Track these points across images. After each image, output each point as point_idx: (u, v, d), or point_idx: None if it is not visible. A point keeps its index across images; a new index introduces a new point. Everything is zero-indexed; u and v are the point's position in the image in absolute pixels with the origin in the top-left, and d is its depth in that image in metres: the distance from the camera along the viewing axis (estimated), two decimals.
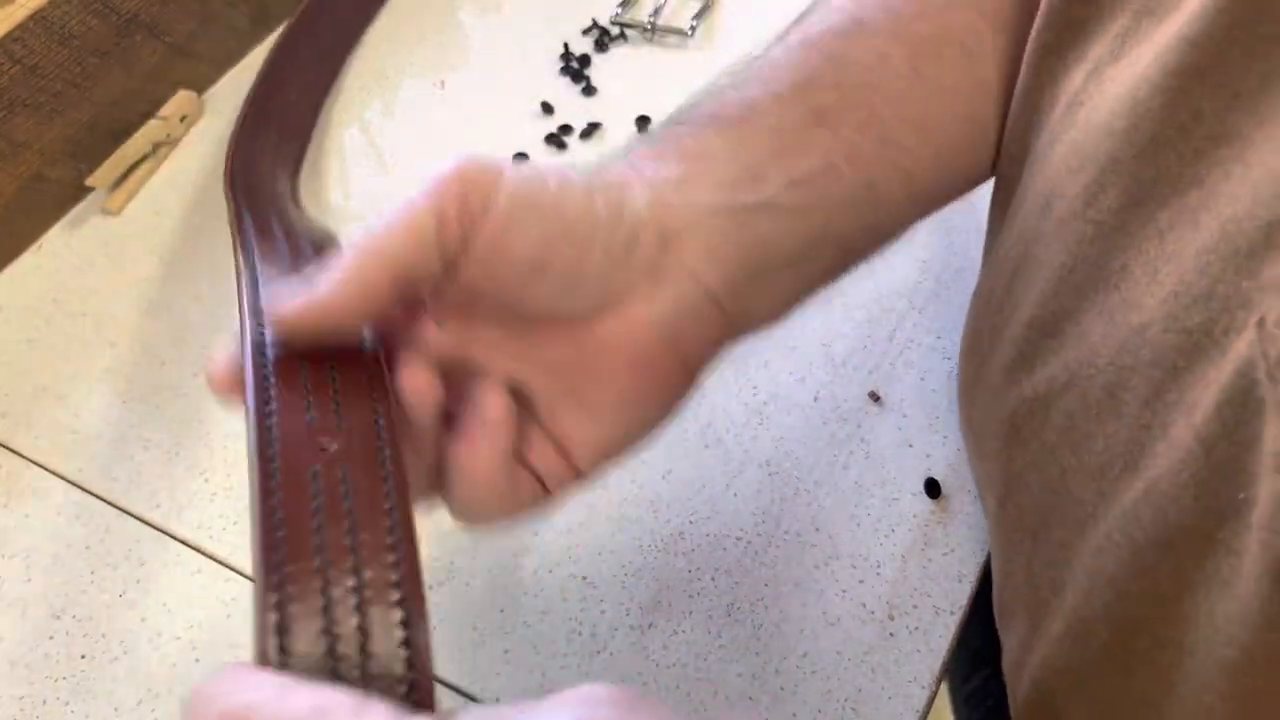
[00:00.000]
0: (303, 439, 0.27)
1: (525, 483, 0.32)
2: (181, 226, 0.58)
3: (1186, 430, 0.25)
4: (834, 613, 0.43)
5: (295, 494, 0.26)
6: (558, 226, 0.29)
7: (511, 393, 0.31)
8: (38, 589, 0.45)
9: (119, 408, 0.50)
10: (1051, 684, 0.35)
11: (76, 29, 0.56)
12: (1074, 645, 0.32)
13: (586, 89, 0.63)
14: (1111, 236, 0.29)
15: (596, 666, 0.42)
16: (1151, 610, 0.28)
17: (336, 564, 0.24)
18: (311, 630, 0.23)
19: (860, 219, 0.35)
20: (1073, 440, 0.31)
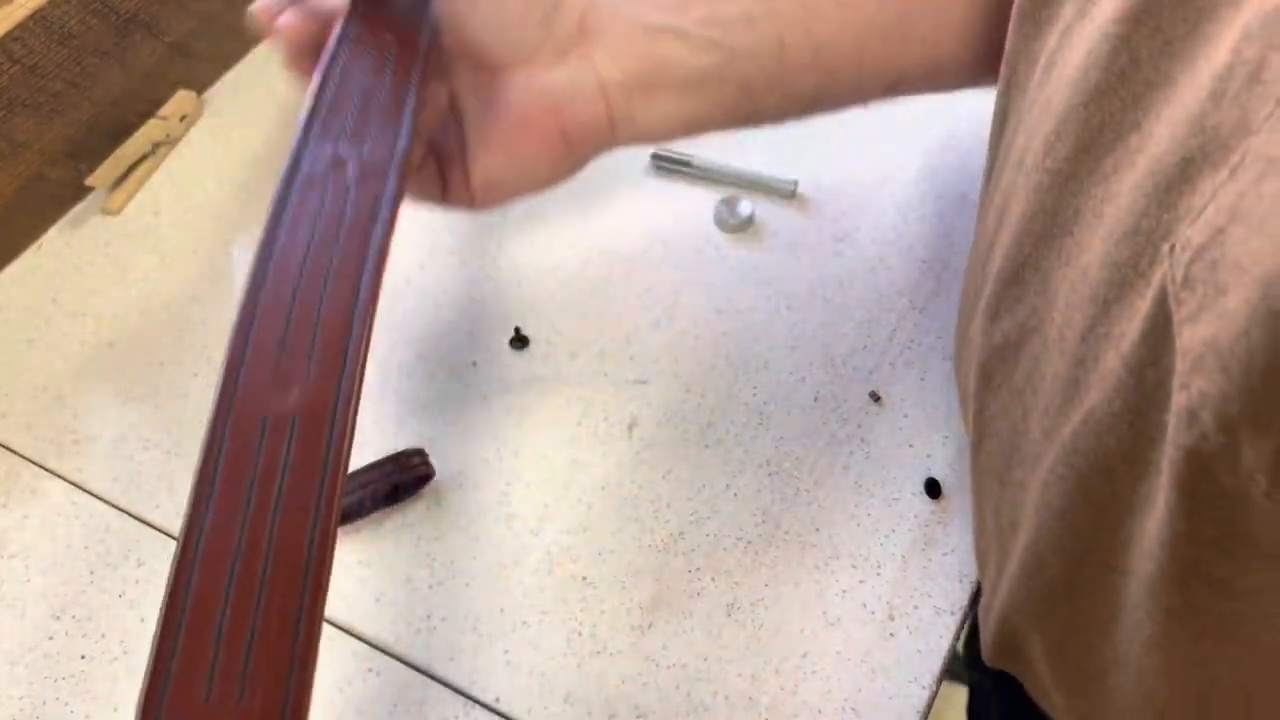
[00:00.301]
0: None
1: (429, 168, 0.39)
2: (181, 226, 0.58)
3: (1116, 360, 0.27)
4: (834, 613, 0.43)
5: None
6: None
7: (451, 110, 0.38)
8: (37, 589, 0.45)
9: (118, 408, 0.50)
10: (1014, 622, 0.36)
11: (76, 29, 0.56)
12: (1029, 580, 0.34)
13: None
14: (1065, 184, 0.30)
15: (596, 666, 0.42)
16: (1096, 537, 0.30)
17: None
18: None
19: (764, 71, 0.38)
20: (1033, 383, 0.32)
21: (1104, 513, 0.29)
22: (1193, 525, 0.25)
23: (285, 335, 0.32)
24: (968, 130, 0.59)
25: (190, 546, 0.27)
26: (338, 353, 0.31)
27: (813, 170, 0.58)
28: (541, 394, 0.50)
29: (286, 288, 0.33)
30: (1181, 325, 0.23)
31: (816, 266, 0.54)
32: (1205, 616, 0.27)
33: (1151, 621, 0.29)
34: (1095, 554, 0.30)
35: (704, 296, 0.53)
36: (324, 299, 0.32)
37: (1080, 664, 0.34)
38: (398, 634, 0.43)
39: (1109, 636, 0.31)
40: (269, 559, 0.28)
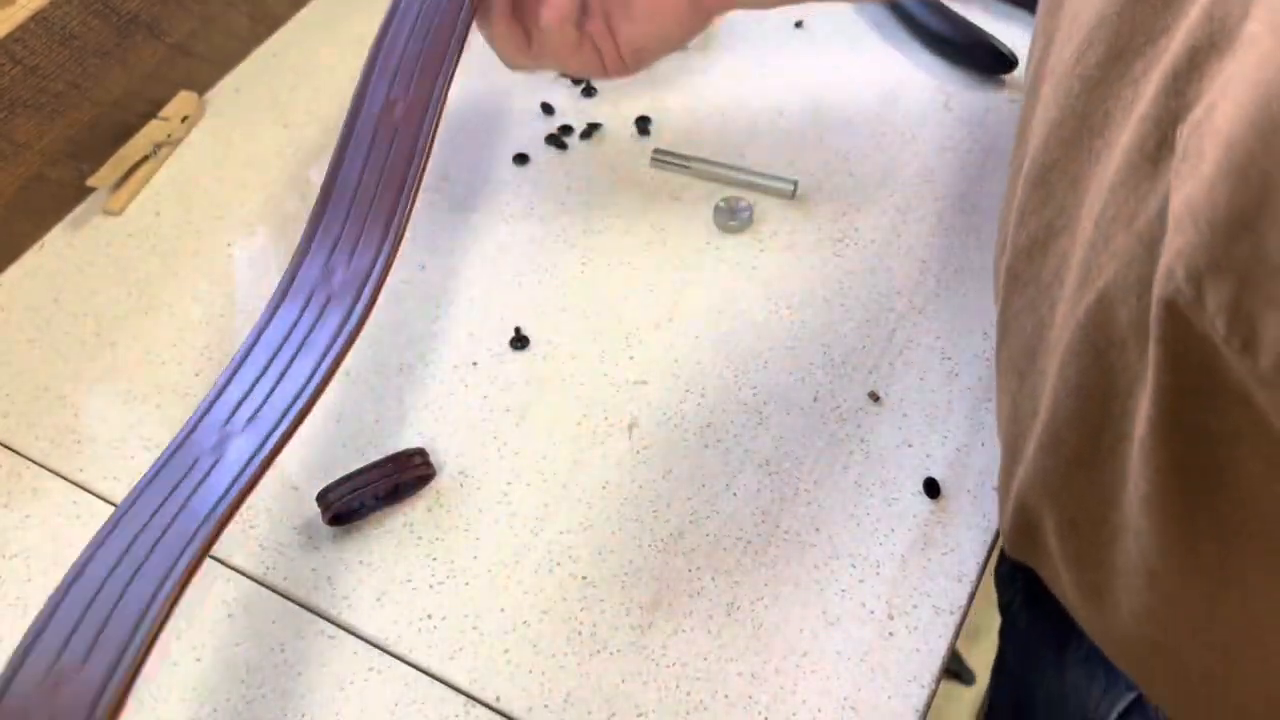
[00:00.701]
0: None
1: (588, 50, 0.47)
2: (182, 227, 0.58)
3: (1128, 238, 0.28)
4: (834, 612, 0.43)
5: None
6: None
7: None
8: (38, 589, 0.45)
9: (119, 408, 0.50)
10: (1031, 501, 0.38)
11: (77, 29, 0.56)
12: (1046, 459, 0.36)
13: (586, 90, 0.63)
14: (1095, 89, 0.31)
15: (596, 666, 0.42)
16: (1109, 408, 0.31)
17: None
18: None
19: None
20: (1061, 276, 0.34)
21: (1115, 383, 0.30)
22: (1174, 377, 0.27)
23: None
24: (967, 130, 0.60)
25: None
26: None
27: (813, 170, 0.58)
28: (541, 394, 0.50)
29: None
30: (1173, 195, 0.25)
31: (816, 266, 0.54)
32: (1192, 470, 0.29)
33: (1145, 480, 0.30)
34: (1108, 425, 0.32)
35: (704, 296, 0.53)
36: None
37: (1091, 536, 0.36)
38: (399, 633, 0.43)
39: (1118, 505, 0.33)
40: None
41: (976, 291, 0.53)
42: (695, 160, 0.58)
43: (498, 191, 0.58)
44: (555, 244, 0.56)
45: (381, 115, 0.47)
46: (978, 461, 0.47)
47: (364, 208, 0.46)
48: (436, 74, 0.47)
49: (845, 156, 0.59)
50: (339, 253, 0.45)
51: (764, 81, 0.63)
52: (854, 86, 0.62)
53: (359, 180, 0.46)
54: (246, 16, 0.66)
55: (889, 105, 0.61)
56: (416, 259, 0.55)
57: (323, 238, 0.45)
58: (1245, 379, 0.25)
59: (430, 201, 0.58)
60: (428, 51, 0.48)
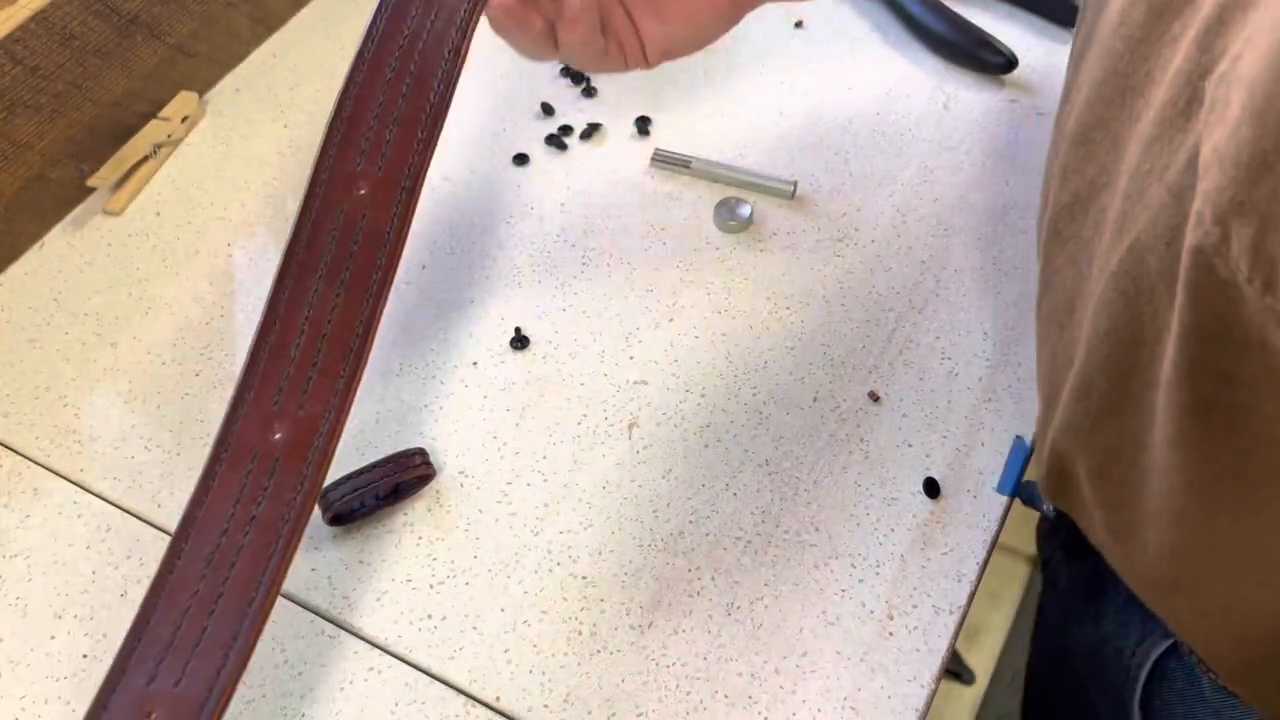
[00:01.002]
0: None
1: (614, 50, 0.45)
2: (183, 227, 0.58)
3: (1159, 190, 0.29)
4: (833, 612, 0.43)
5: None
6: None
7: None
8: (39, 589, 0.45)
9: (120, 408, 0.50)
10: (1064, 446, 0.39)
11: (78, 30, 0.56)
12: (1078, 404, 0.37)
13: (587, 90, 0.63)
14: (1137, 48, 0.32)
15: (596, 666, 0.42)
16: (1138, 354, 0.32)
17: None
18: None
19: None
20: (1100, 231, 0.35)
21: (1144, 330, 0.32)
22: (1197, 318, 0.28)
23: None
24: (967, 130, 0.60)
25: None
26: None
27: (813, 170, 0.58)
28: (541, 394, 0.50)
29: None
30: (1204, 144, 0.26)
31: (816, 266, 0.54)
32: (1214, 410, 0.30)
33: (1170, 421, 0.31)
34: (1136, 370, 0.33)
35: (704, 296, 0.53)
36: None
37: (1120, 479, 0.37)
38: (399, 633, 0.43)
39: (1145, 448, 0.34)
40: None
41: (976, 291, 0.53)
42: (695, 160, 0.58)
43: (498, 191, 0.58)
44: (555, 244, 0.56)
45: (344, 195, 0.42)
46: (978, 461, 0.47)
47: (310, 352, 0.40)
48: (413, 141, 0.43)
49: (845, 156, 0.59)
50: (282, 409, 0.40)
51: (764, 81, 0.63)
52: (854, 86, 0.62)
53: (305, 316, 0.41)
54: (247, 17, 0.66)
55: (889, 105, 0.61)
56: (416, 259, 0.55)
57: (259, 393, 0.40)
58: (1265, 321, 0.26)
59: (430, 201, 0.58)
60: (408, 105, 0.42)
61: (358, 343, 0.40)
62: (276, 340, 0.40)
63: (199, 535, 0.37)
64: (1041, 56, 0.63)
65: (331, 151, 0.42)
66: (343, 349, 0.40)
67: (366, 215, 0.41)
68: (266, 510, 0.37)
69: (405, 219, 0.42)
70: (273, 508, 0.38)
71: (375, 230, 0.41)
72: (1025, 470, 0.47)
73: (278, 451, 0.38)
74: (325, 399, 0.39)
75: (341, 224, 0.41)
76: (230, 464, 0.38)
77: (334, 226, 0.41)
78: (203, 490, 0.38)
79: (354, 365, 0.40)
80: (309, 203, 0.42)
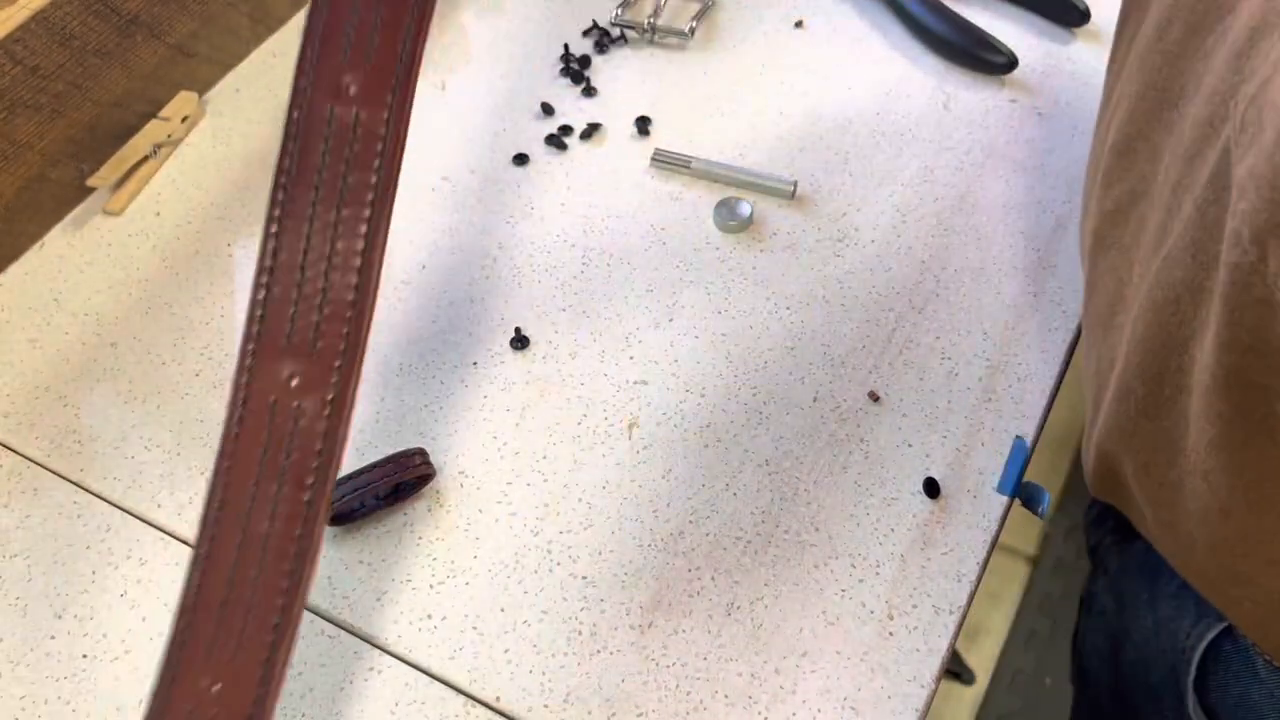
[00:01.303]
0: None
1: None
2: (182, 227, 0.58)
3: (1189, 204, 0.31)
4: (834, 612, 0.43)
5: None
6: None
7: None
8: (39, 588, 0.45)
9: (120, 407, 0.50)
10: (1108, 447, 0.41)
11: (77, 30, 0.56)
12: (1119, 406, 0.38)
13: (587, 90, 0.63)
14: (1174, 63, 0.34)
15: (596, 666, 0.42)
16: (1169, 361, 0.34)
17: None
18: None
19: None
20: (1139, 239, 0.37)
21: (1173, 337, 0.33)
22: (1234, 334, 0.29)
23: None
24: (967, 130, 0.60)
25: None
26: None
27: (813, 170, 0.58)
28: (541, 394, 0.50)
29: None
30: (1235, 165, 0.27)
31: (816, 266, 0.54)
32: (1250, 420, 0.31)
33: (1210, 425, 0.32)
34: (1167, 376, 0.35)
35: (704, 296, 0.53)
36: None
37: (1161, 479, 0.38)
38: (399, 633, 0.43)
39: (1182, 451, 0.35)
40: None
41: (976, 291, 0.53)
42: (695, 160, 0.58)
43: (498, 191, 0.58)
44: (555, 244, 0.56)
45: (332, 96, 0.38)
46: (977, 461, 0.47)
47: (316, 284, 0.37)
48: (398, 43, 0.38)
49: (845, 156, 0.59)
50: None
51: (764, 81, 0.63)
52: (854, 86, 0.62)
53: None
54: (247, 17, 0.66)
55: (889, 105, 0.61)
56: (416, 259, 0.55)
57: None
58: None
59: (430, 201, 0.58)
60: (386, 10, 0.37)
61: (366, 271, 0.37)
62: (280, 277, 0.37)
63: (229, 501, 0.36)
64: (1041, 56, 0.63)
65: (312, 50, 0.38)
66: (349, 276, 0.37)
67: (360, 116, 0.37)
68: (295, 460, 0.36)
69: (403, 117, 0.38)
70: (302, 456, 0.36)
71: (371, 133, 0.37)
72: (1025, 470, 0.47)
73: (296, 398, 0.36)
74: (337, 335, 0.36)
75: (334, 130, 0.37)
76: (251, 416, 0.37)
77: (326, 133, 0.37)
78: (227, 443, 0.37)
79: (364, 299, 0.37)
80: (293, 112, 0.38)
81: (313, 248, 0.36)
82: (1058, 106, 0.60)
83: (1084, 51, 0.63)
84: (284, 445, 0.36)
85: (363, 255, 0.36)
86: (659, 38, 0.66)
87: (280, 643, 0.34)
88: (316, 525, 0.35)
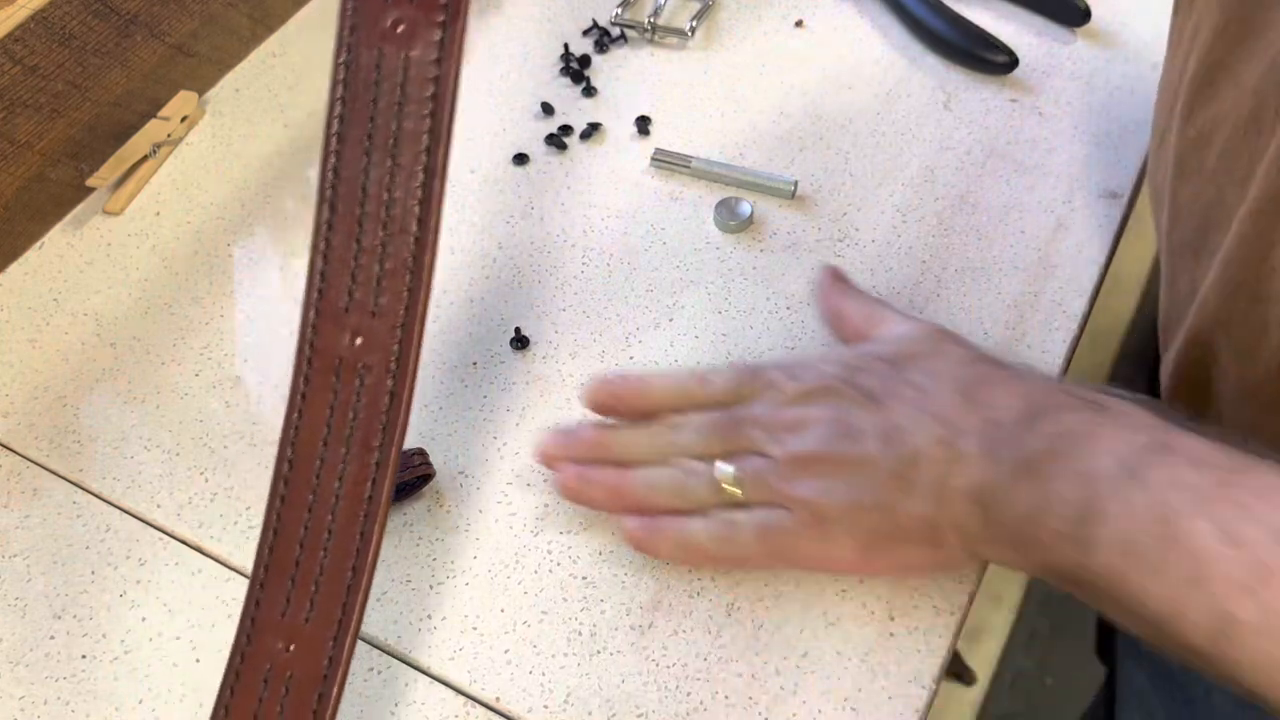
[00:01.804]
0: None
1: None
2: (182, 227, 0.58)
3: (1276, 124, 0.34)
4: (834, 613, 0.43)
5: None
6: None
7: None
8: (38, 589, 0.45)
9: (120, 408, 0.50)
10: (1203, 336, 0.43)
11: (77, 29, 0.56)
12: (1223, 298, 0.41)
13: (587, 90, 0.63)
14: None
15: (596, 667, 0.42)
16: (1251, 272, 0.38)
17: None
18: None
19: None
20: (1227, 164, 0.39)
21: (1254, 250, 0.37)
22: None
23: None
24: (967, 130, 0.60)
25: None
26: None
27: (813, 170, 0.58)
28: (541, 394, 0.50)
29: None
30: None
31: (816, 266, 0.54)
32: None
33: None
34: (1245, 288, 0.39)
35: (704, 296, 0.53)
36: None
37: (1257, 353, 0.40)
38: (399, 633, 0.43)
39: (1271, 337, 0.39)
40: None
41: (976, 291, 0.53)
42: (695, 160, 0.58)
43: (498, 191, 0.58)
44: (555, 244, 0.56)
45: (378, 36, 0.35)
46: None
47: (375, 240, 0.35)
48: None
49: (845, 156, 0.59)
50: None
51: (764, 81, 0.63)
52: (854, 86, 0.62)
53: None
54: (247, 16, 0.66)
55: (889, 105, 0.61)
56: None
57: None
58: None
59: None
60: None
61: (425, 223, 0.35)
62: (340, 228, 0.36)
63: (300, 459, 0.36)
64: (1042, 56, 0.63)
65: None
66: (408, 231, 0.35)
67: (411, 56, 0.35)
68: (363, 418, 0.36)
69: (456, 55, 0.35)
70: (368, 416, 0.36)
71: (421, 76, 0.35)
72: None
73: (360, 357, 0.36)
74: (399, 293, 0.36)
75: (383, 74, 0.35)
76: (317, 376, 0.36)
77: (375, 78, 0.35)
78: (293, 408, 0.36)
79: (424, 253, 0.35)
80: (339, 57, 0.35)
81: (369, 200, 0.35)
82: (1059, 106, 0.60)
83: (1085, 51, 0.63)
84: (350, 406, 0.36)
85: (421, 205, 0.35)
86: (659, 38, 0.66)
87: (352, 604, 0.35)
88: (385, 487, 0.35)
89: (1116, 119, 0.60)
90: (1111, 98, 0.61)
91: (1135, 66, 0.62)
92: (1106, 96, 0.61)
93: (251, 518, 0.46)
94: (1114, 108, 0.60)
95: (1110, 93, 0.61)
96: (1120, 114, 0.60)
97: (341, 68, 0.35)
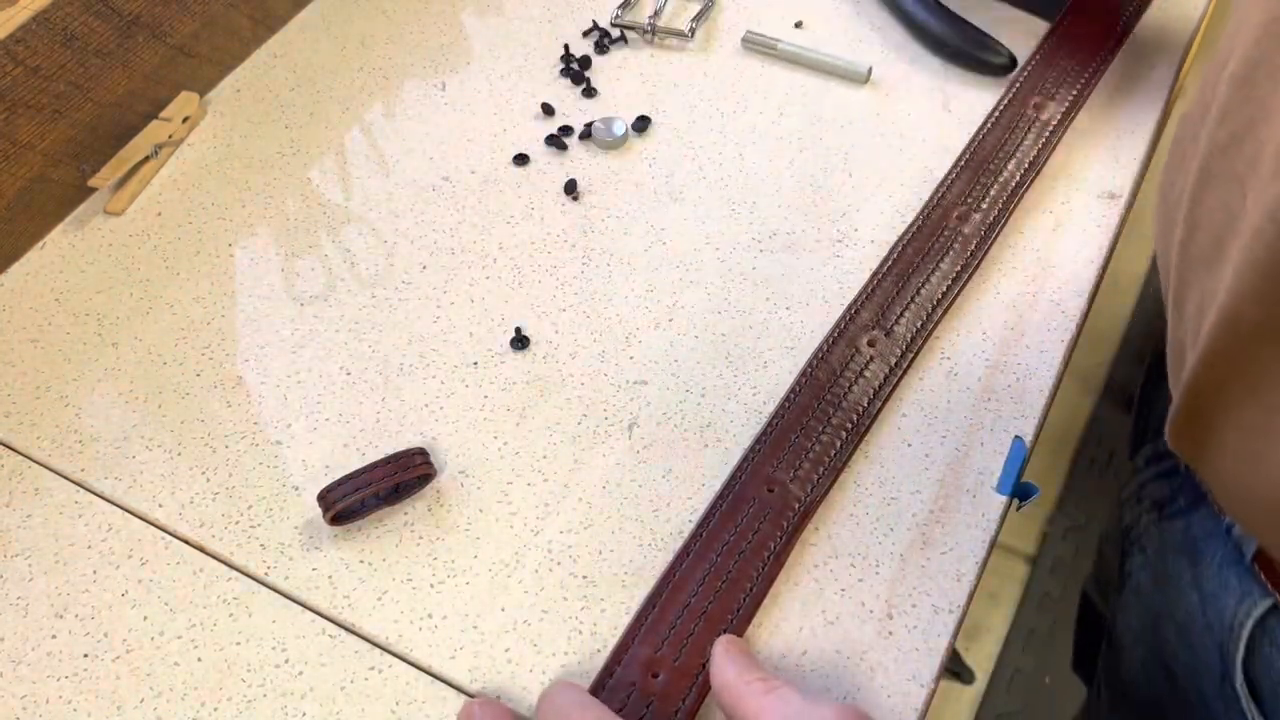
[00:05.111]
0: None
1: None
2: (183, 227, 0.58)
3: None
4: (833, 612, 0.43)
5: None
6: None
7: None
8: (40, 588, 0.45)
9: (121, 407, 0.50)
10: (1209, 377, 0.41)
11: (79, 30, 0.56)
12: (1229, 330, 0.39)
13: (587, 90, 0.63)
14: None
15: (596, 666, 0.42)
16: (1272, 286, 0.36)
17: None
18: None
19: None
20: (1256, 166, 0.37)
21: (1275, 267, 0.34)
22: None
23: None
24: (967, 130, 0.60)
25: None
26: None
27: (813, 170, 0.58)
28: (541, 394, 0.50)
29: None
30: None
31: (815, 266, 0.54)
32: None
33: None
34: (1257, 299, 0.36)
35: (704, 296, 0.53)
36: None
37: (1271, 401, 0.38)
38: (400, 632, 0.43)
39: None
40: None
41: (976, 292, 0.53)
42: (782, 42, 0.64)
43: (498, 191, 0.59)
44: (555, 244, 0.56)
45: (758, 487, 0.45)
46: (976, 461, 0.47)
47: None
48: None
49: (845, 156, 0.59)
50: None
51: (764, 82, 0.63)
52: (854, 87, 0.63)
53: None
54: (248, 17, 0.66)
55: (889, 105, 0.61)
56: (417, 259, 0.56)
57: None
58: None
59: (430, 201, 0.58)
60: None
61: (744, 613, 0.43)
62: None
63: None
64: None
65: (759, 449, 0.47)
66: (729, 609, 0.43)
67: (792, 490, 0.45)
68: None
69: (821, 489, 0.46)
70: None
71: (788, 503, 0.45)
72: (1024, 470, 0.47)
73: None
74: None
75: (756, 507, 0.45)
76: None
77: (750, 507, 0.45)
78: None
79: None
80: (728, 489, 0.46)
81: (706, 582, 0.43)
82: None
83: None
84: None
85: (744, 602, 0.42)
86: (659, 38, 0.66)
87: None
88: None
89: (1114, 120, 0.60)
90: (1109, 99, 0.61)
91: (1133, 67, 0.63)
92: (1105, 97, 0.61)
93: (252, 518, 0.46)
94: (1111, 109, 0.60)
95: (1108, 94, 0.61)
96: (1118, 114, 0.60)
97: (726, 491, 0.46)
